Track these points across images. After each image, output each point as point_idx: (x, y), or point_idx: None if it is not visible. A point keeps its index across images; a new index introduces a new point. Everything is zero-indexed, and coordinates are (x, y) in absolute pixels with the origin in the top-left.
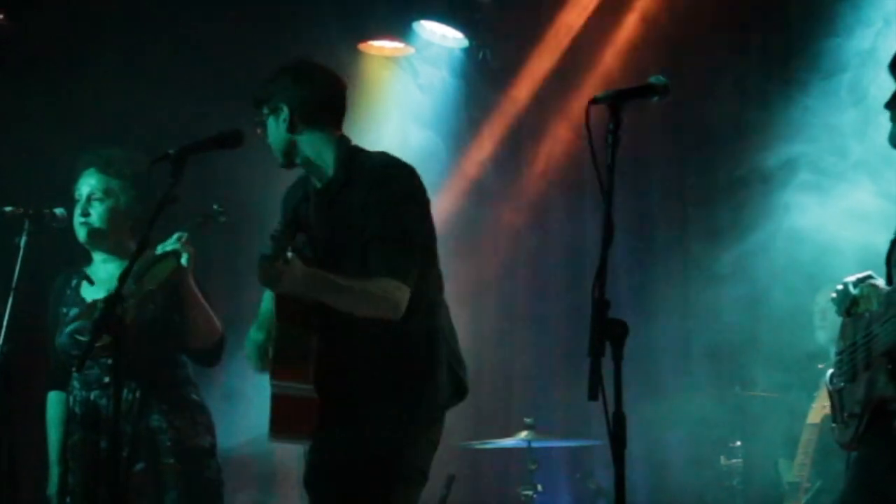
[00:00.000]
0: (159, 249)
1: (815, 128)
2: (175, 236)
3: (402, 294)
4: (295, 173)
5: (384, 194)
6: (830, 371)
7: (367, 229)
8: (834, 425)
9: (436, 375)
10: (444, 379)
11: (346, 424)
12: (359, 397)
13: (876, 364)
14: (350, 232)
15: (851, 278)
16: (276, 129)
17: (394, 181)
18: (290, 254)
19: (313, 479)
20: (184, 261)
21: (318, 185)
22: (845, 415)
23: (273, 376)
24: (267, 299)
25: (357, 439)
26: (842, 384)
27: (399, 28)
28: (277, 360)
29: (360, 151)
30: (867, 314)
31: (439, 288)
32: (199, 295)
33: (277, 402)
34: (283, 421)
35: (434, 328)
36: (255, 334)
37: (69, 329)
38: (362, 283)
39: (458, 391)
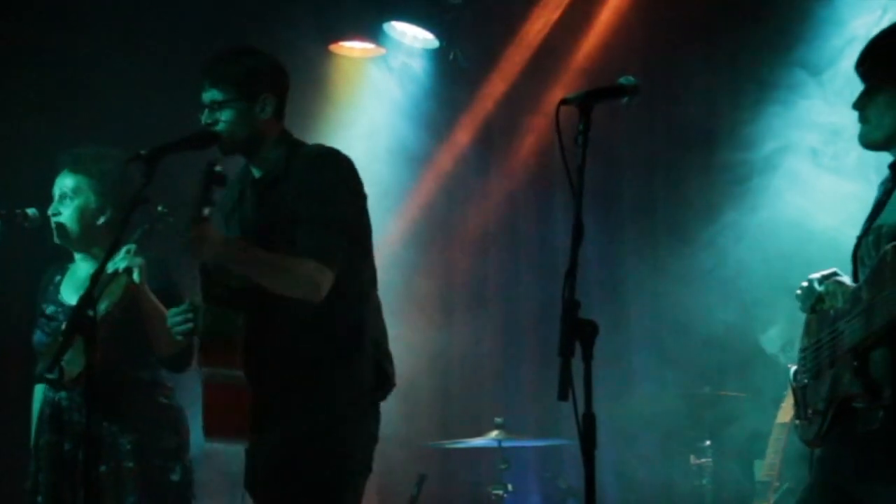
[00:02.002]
0: (110, 267)
1: (788, 126)
2: (123, 250)
3: (324, 276)
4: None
5: (316, 179)
6: (794, 368)
7: (298, 213)
8: (798, 422)
9: (358, 364)
10: (368, 370)
11: (280, 422)
12: (285, 385)
13: (841, 361)
14: (283, 218)
15: (816, 275)
16: (247, 116)
17: (327, 168)
18: (206, 210)
19: (254, 481)
20: (135, 276)
21: (257, 173)
22: (809, 411)
23: (201, 361)
24: None
25: (293, 437)
26: (806, 381)
27: (369, 29)
28: (204, 343)
29: (299, 144)
30: (832, 311)
31: (372, 282)
32: (159, 305)
33: (208, 392)
34: (216, 418)
35: (361, 318)
36: None
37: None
38: (285, 260)
39: (383, 385)
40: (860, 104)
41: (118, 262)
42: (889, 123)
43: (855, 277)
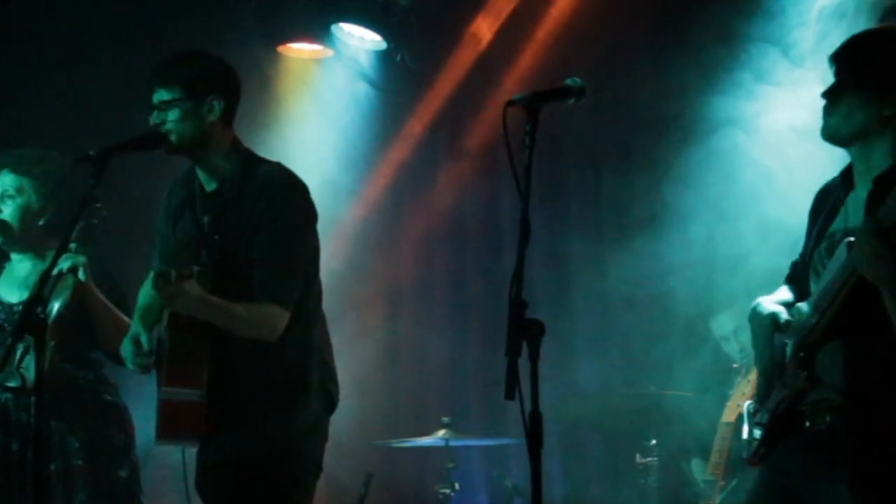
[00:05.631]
0: (55, 269)
1: (736, 123)
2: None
3: (281, 319)
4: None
5: (273, 215)
6: (748, 403)
7: (254, 248)
8: (746, 447)
9: (307, 387)
10: (316, 391)
11: (232, 427)
12: (240, 403)
13: (790, 368)
14: (239, 244)
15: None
16: (194, 118)
17: (284, 203)
18: (195, 270)
19: (205, 481)
20: (81, 276)
21: (209, 183)
22: (755, 422)
23: (164, 383)
24: (143, 295)
25: (245, 439)
26: (757, 406)
27: (317, 30)
28: (170, 368)
29: (255, 160)
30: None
31: (318, 301)
32: (105, 301)
33: (164, 407)
34: (170, 425)
35: (309, 342)
36: (134, 326)
37: None
38: (246, 309)
39: (328, 405)
40: (833, 96)
41: (61, 262)
42: (859, 121)
43: (805, 290)
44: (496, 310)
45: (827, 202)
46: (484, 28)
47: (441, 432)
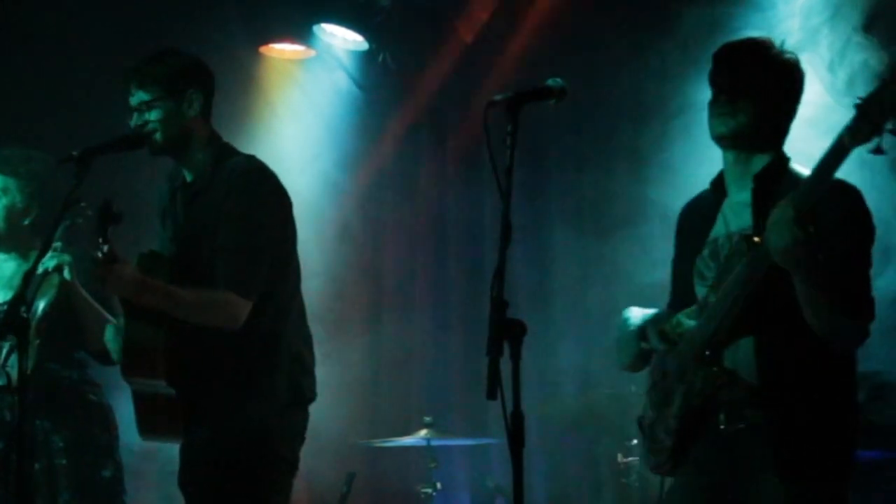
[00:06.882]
0: (40, 268)
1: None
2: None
3: (241, 307)
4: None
5: (237, 203)
6: (639, 415)
7: (218, 236)
8: (649, 456)
9: (272, 380)
10: (282, 384)
11: (202, 423)
12: (209, 392)
13: (691, 368)
14: (205, 233)
15: (636, 316)
16: (175, 114)
17: (249, 191)
18: (104, 248)
19: (185, 479)
20: (66, 274)
21: (189, 177)
22: (661, 434)
23: (123, 372)
24: None
25: (211, 435)
26: (654, 415)
27: (300, 31)
28: (126, 356)
29: (228, 151)
30: (676, 338)
31: (292, 292)
32: (91, 301)
33: (137, 399)
34: (148, 420)
35: (276, 333)
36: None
37: None
38: (199, 294)
39: (297, 399)
40: (736, 97)
41: (46, 261)
42: (760, 127)
43: (691, 298)
44: (478, 309)
45: (695, 216)
46: (466, 28)
47: (423, 432)
